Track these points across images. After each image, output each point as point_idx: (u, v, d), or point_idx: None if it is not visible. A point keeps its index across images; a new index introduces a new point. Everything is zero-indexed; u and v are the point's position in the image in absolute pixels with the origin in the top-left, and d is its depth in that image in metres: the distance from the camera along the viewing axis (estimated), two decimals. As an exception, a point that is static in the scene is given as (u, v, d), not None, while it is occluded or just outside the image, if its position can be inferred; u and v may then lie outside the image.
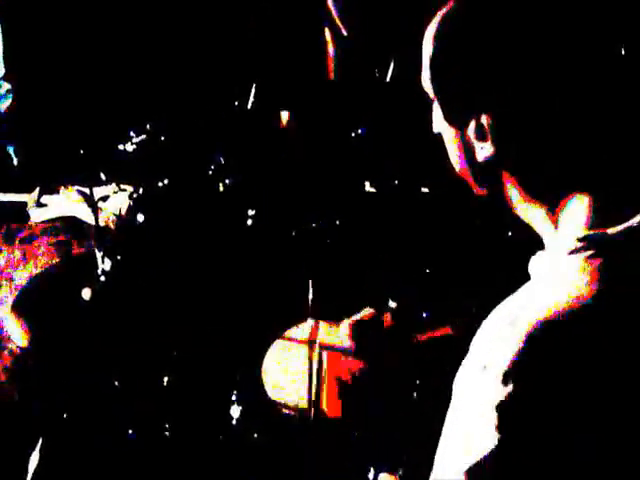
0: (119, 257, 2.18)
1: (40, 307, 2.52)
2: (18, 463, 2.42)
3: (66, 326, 2.39)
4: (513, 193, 1.27)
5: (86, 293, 2.20)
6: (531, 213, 1.27)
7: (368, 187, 2.29)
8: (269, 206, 2.15)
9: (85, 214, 2.89)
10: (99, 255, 2.16)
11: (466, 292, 2.12)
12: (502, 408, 1.14)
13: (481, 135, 1.22)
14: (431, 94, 1.27)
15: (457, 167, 1.30)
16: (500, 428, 1.14)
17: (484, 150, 1.23)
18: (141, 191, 2.39)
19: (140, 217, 2.26)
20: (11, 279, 2.85)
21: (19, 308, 2.51)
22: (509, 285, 1.22)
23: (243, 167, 2.16)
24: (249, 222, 2.15)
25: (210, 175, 2.23)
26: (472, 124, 1.22)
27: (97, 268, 2.19)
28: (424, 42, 1.24)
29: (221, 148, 2.19)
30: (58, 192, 2.98)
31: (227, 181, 2.14)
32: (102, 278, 2.17)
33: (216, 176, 2.23)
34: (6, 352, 2.72)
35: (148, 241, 2.28)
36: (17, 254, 2.92)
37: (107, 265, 2.18)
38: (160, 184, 2.23)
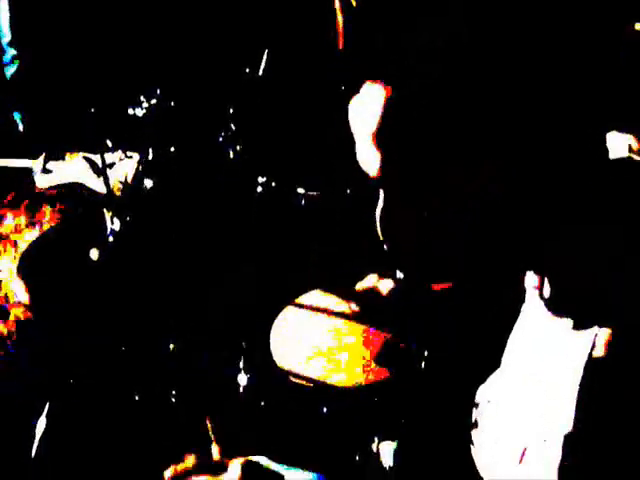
0: (126, 220, 2.17)
1: (44, 269, 2.52)
2: (24, 430, 2.42)
3: (71, 287, 2.38)
4: None
5: (94, 253, 2.19)
6: None
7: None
8: (279, 173, 2.14)
9: (91, 181, 2.89)
10: (108, 216, 2.15)
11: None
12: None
13: None
14: None
15: None
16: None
17: None
18: (149, 157, 2.39)
19: (148, 183, 2.25)
20: (16, 245, 2.85)
21: (23, 270, 2.50)
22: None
23: (253, 134, 2.15)
24: (259, 189, 2.14)
25: (220, 141, 2.22)
26: None
27: (103, 231, 2.19)
28: None
29: (232, 114, 2.18)
30: (64, 158, 2.97)
31: (238, 147, 2.13)
32: (110, 239, 2.16)
33: (226, 142, 2.21)
34: (11, 319, 2.72)
35: (155, 207, 2.27)
36: (22, 220, 2.91)
37: (115, 226, 2.18)
38: (168, 150, 2.21)
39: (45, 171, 2.96)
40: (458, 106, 1.16)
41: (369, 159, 1.25)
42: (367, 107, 1.22)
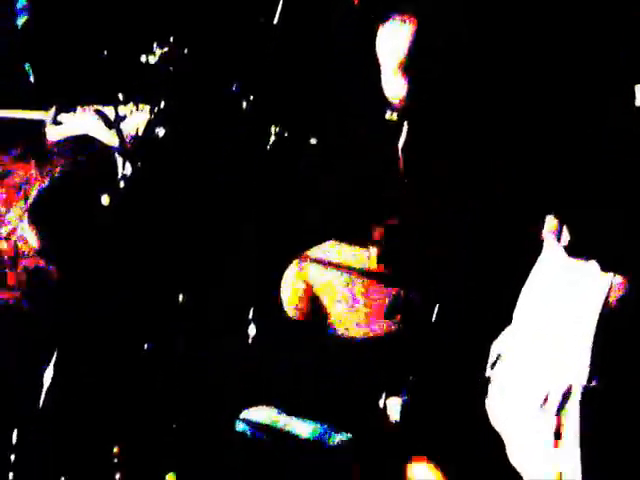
0: (138, 166, 2.16)
1: (54, 216, 2.52)
2: (32, 379, 2.43)
3: (81, 234, 2.38)
4: None
5: (105, 199, 2.18)
6: None
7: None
8: (290, 126, 2.12)
9: (102, 133, 2.87)
10: (120, 161, 2.14)
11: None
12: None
13: None
14: None
15: None
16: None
17: None
18: (161, 108, 2.37)
19: (160, 132, 2.23)
20: (27, 197, 2.84)
21: (34, 217, 2.50)
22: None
23: (265, 88, 2.13)
24: (271, 140, 2.13)
25: (232, 94, 2.20)
26: None
27: (114, 177, 2.18)
28: None
29: (245, 67, 2.16)
30: (75, 111, 2.95)
31: (251, 98, 2.11)
32: (121, 184, 2.15)
33: (239, 95, 2.19)
34: (21, 269, 2.72)
35: (166, 155, 2.25)
36: (33, 172, 2.90)
37: (127, 171, 2.16)
38: (181, 99, 2.19)
39: (56, 123, 2.95)
40: (457, 103, 1.20)
41: (396, 88, 1.28)
42: (395, 38, 1.24)
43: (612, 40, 1.20)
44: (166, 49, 2.23)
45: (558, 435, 1.18)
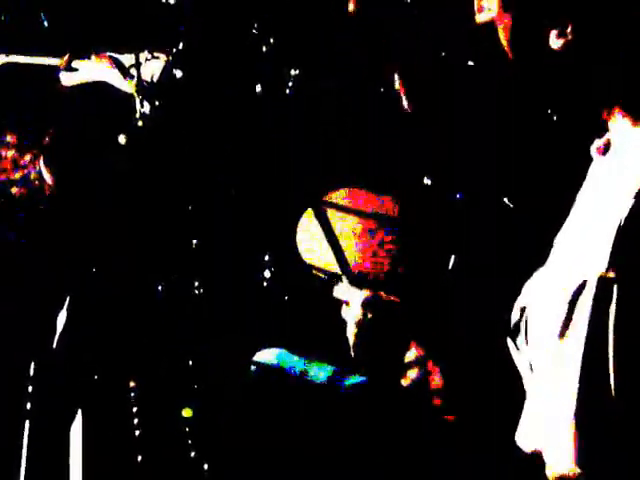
0: (156, 105, 2.16)
1: (69, 159, 2.53)
2: (45, 322, 2.45)
3: (95, 177, 2.39)
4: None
5: (122, 138, 2.19)
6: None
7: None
8: (311, 67, 2.12)
9: (116, 80, 2.87)
10: (138, 100, 2.13)
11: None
12: None
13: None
14: None
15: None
16: None
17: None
18: (177, 53, 2.36)
19: (178, 73, 2.23)
20: (40, 142, 2.85)
21: (48, 157, 2.51)
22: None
23: (287, 27, 2.13)
24: (290, 84, 2.13)
25: (252, 36, 2.19)
26: None
27: (131, 118, 2.18)
28: None
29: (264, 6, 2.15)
30: (89, 57, 2.94)
31: (271, 40, 2.11)
32: (139, 123, 2.15)
33: (259, 37, 2.19)
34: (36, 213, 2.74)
35: (185, 96, 2.25)
36: (48, 118, 2.91)
37: (146, 109, 2.16)
38: (200, 40, 2.19)
39: (70, 69, 2.94)
40: None
41: None
42: None
43: None
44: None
45: (567, 325, 1.18)
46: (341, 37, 2.20)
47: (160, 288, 2.26)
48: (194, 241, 2.34)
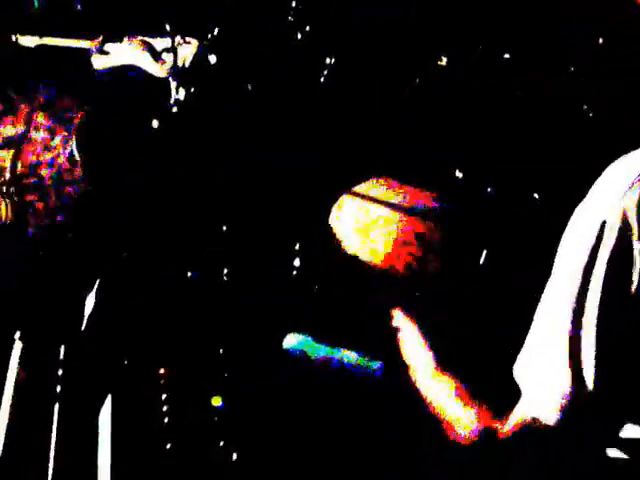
0: (191, 91, 2.15)
1: (100, 144, 2.53)
2: (75, 304, 2.45)
3: (125, 161, 2.39)
4: None
5: (155, 123, 2.18)
6: None
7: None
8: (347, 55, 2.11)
9: (148, 64, 2.86)
10: (173, 86, 2.13)
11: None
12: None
13: None
14: None
15: None
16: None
17: None
18: (212, 39, 2.36)
19: (212, 59, 2.22)
20: (70, 123, 2.86)
21: (81, 145, 2.51)
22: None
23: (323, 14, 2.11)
24: (325, 72, 2.11)
25: (288, 23, 2.18)
26: None
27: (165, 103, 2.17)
28: None
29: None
30: (121, 41, 2.94)
31: (307, 28, 2.09)
32: (174, 109, 2.15)
33: (294, 24, 2.18)
34: (65, 195, 2.75)
35: (219, 81, 2.24)
36: (79, 101, 2.91)
37: (180, 95, 2.16)
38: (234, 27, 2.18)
39: (102, 53, 2.94)
40: None
41: None
42: None
43: None
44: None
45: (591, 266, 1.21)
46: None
47: (190, 274, 2.26)
48: (224, 227, 2.34)
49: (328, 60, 2.07)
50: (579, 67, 2.15)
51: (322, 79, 2.13)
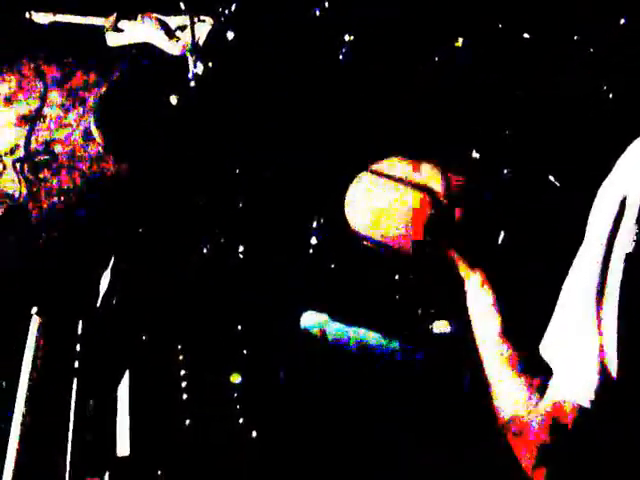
0: (209, 66, 2.14)
1: (117, 119, 2.53)
2: (89, 281, 2.46)
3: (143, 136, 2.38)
4: None
5: (173, 99, 2.18)
6: None
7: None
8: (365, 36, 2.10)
9: (162, 42, 2.86)
10: (191, 60, 2.12)
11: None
12: None
13: None
14: None
15: None
16: None
17: None
18: (229, 15, 2.35)
19: (230, 36, 2.21)
20: (85, 101, 2.85)
21: (97, 120, 2.51)
22: None
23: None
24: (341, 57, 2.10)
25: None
26: None
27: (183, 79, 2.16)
28: None
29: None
30: (136, 18, 2.93)
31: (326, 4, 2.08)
32: (192, 83, 2.14)
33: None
34: (78, 173, 2.75)
35: (238, 57, 2.24)
36: (92, 77, 2.91)
37: (199, 70, 2.15)
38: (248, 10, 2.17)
39: (116, 30, 2.93)
40: None
41: None
42: None
43: None
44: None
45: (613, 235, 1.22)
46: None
47: (206, 251, 2.26)
48: (240, 204, 2.33)
49: (347, 37, 2.06)
50: (597, 48, 2.14)
51: (341, 57, 2.12)
